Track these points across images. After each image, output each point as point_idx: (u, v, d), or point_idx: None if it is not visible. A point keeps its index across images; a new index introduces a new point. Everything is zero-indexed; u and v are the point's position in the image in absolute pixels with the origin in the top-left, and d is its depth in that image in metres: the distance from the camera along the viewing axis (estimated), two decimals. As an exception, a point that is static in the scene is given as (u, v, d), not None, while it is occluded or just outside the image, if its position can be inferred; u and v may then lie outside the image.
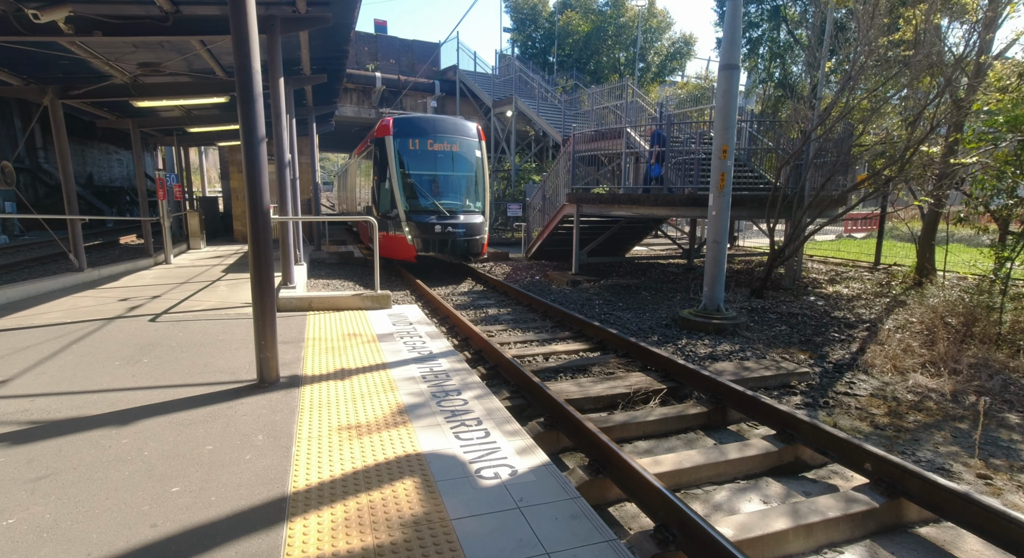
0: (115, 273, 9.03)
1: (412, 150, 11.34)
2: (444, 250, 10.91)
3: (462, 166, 11.93)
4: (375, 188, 11.75)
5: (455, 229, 10.94)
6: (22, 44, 6.62)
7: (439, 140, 11.57)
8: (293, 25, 6.65)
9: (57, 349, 4.66)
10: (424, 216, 10.95)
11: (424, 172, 11.58)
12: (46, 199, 19.94)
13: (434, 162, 11.61)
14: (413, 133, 11.42)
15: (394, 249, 11.34)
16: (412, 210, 11.01)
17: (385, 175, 11.29)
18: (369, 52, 26.13)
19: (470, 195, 11.91)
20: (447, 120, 12.09)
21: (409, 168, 11.36)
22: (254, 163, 3.66)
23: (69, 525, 2.22)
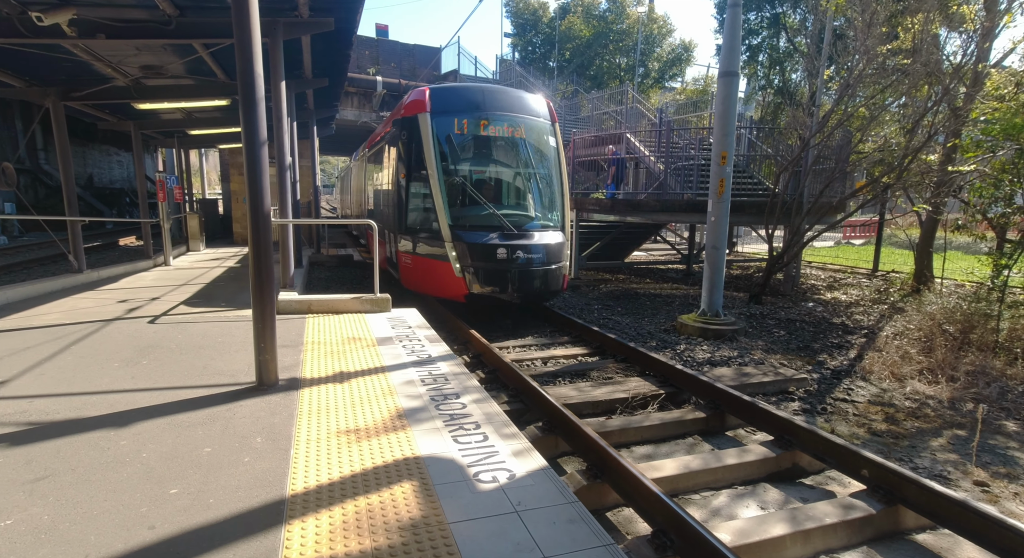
0: (114, 274, 9.03)
1: (459, 135, 7.51)
2: (511, 287, 6.91)
3: (532, 158, 8.00)
4: (399, 191, 7.80)
5: (527, 254, 6.88)
6: (25, 46, 6.65)
7: (498, 120, 7.62)
8: (295, 30, 6.69)
9: (56, 350, 4.66)
10: (480, 234, 6.97)
11: (478, 167, 7.86)
12: (46, 200, 19.95)
13: (491, 153, 7.85)
14: (460, 109, 7.52)
15: (432, 281, 7.33)
16: (461, 224, 7.08)
17: (417, 171, 7.49)
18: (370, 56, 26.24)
19: (544, 202, 7.96)
20: (507, 92, 8.07)
21: (455, 161, 7.49)
22: (255, 166, 3.68)
23: (67, 526, 2.22)
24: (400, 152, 7.78)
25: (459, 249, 6.93)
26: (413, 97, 7.78)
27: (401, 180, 7.75)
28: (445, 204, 7.07)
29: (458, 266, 6.91)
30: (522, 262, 6.86)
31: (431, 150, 7.19)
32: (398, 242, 7.91)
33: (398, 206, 7.86)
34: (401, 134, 7.76)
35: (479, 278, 6.88)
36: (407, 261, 7.72)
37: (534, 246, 7.01)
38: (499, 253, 6.82)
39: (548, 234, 7.34)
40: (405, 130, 7.65)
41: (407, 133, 7.57)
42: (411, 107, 7.66)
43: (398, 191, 7.84)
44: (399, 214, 7.84)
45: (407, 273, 7.84)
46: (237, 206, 15.74)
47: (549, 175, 8.01)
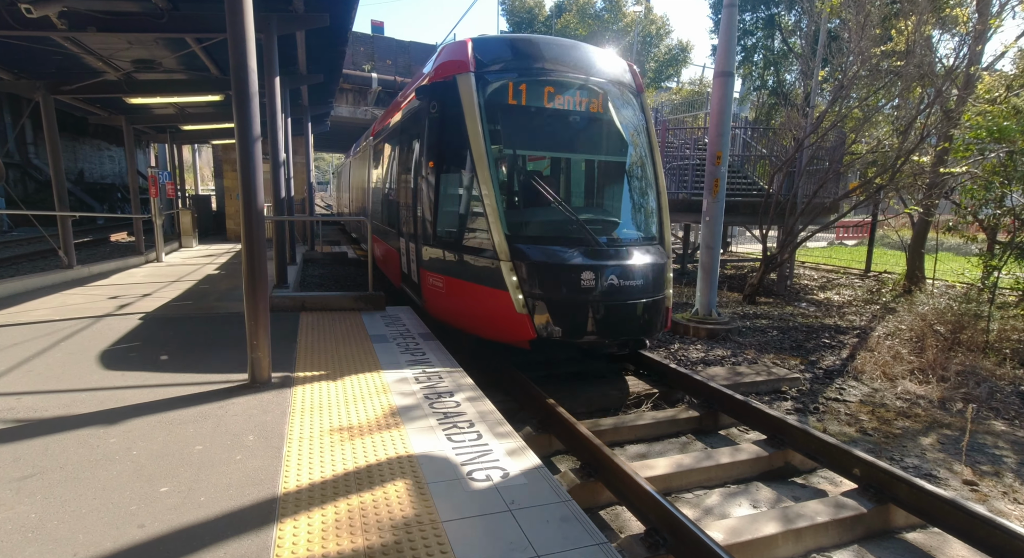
0: (105, 271, 8.94)
1: (516, 107, 5.17)
2: (602, 327, 4.70)
3: (617, 142, 5.67)
4: (425, 186, 5.53)
5: (624, 279, 4.74)
6: (14, 38, 6.56)
7: (570, 87, 5.30)
8: (290, 24, 6.64)
9: (45, 347, 4.60)
10: (554, 250, 4.77)
11: (545, 152, 5.67)
12: (36, 195, 19.71)
13: (562, 132, 5.47)
14: (516, 69, 5.21)
15: (479, 315, 5.07)
16: (523, 235, 4.90)
17: (454, 157, 5.21)
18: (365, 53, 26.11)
19: (638, 205, 5.69)
20: (579, 48, 5.58)
21: (512, 142, 5.24)
22: (249, 162, 3.64)
23: (55, 525, 2.19)
24: (427, 132, 5.46)
25: (523, 271, 4.55)
26: (449, 53, 5.33)
27: (428, 171, 5.40)
28: (500, 204, 4.72)
29: (520, 297, 4.52)
30: (618, 292, 4.62)
31: (477, 126, 4.81)
32: (422, 255, 5.54)
33: (422, 206, 5.52)
34: (429, 107, 5.39)
35: (555, 315, 4.54)
36: (436, 283, 5.31)
37: (633, 268, 4.73)
38: (585, 279, 4.52)
39: (647, 250, 4.99)
40: (436, 100, 5.30)
41: (439, 104, 5.27)
42: (445, 67, 5.22)
43: (423, 185, 5.51)
44: (423, 217, 5.48)
45: (436, 300, 5.39)
46: (230, 202, 15.63)
47: (641, 166, 5.57)
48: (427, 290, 5.55)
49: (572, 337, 4.61)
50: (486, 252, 4.79)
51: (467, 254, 5.01)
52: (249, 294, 3.73)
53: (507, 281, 4.57)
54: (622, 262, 4.77)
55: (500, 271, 4.61)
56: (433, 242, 5.39)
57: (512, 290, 4.55)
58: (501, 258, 4.62)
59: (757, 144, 13.58)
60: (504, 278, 4.59)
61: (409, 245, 6.15)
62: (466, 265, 5.03)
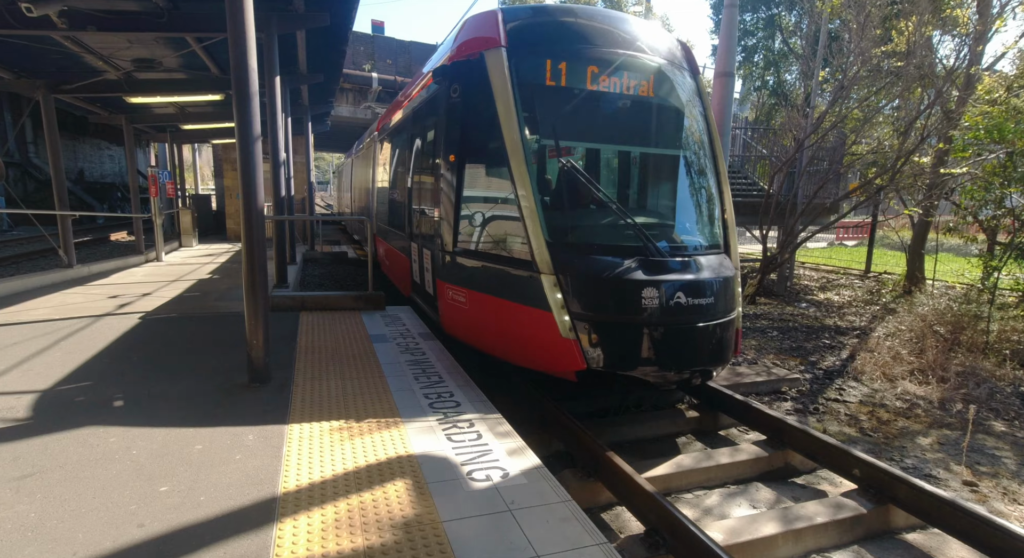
0: (105, 270, 8.93)
1: (556, 89, 4.38)
2: (666, 356, 3.83)
3: (673, 132, 4.89)
4: (443, 182, 4.76)
5: (693, 297, 3.92)
6: (14, 37, 6.56)
7: (618, 66, 4.46)
8: (290, 24, 6.64)
9: (45, 346, 4.60)
10: (607, 261, 3.94)
11: (591, 143, 4.88)
12: (36, 194, 19.71)
13: (609, 120, 4.69)
14: (555, 44, 4.41)
15: (512, 338, 4.29)
16: (568, 242, 4.11)
17: (481, 148, 4.52)
18: (365, 52, 26.10)
19: (700, 206, 4.92)
20: (627, 21, 4.80)
21: (552, 130, 4.45)
22: (249, 162, 3.64)
23: (55, 524, 2.19)
24: (446, 121, 4.71)
25: (570, 287, 3.78)
26: (474, 26, 4.58)
27: (447, 165, 4.63)
28: (539, 205, 3.92)
29: (566, 318, 3.73)
30: (685, 312, 3.80)
31: (511, 112, 4.03)
32: (438, 263, 4.83)
33: (440, 206, 4.73)
34: (450, 91, 4.64)
35: (610, 341, 3.73)
36: (457, 298, 4.57)
37: (702, 283, 3.92)
38: (646, 296, 3.71)
39: (715, 261, 4.21)
40: (458, 82, 4.54)
41: (463, 87, 4.50)
42: (470, 44, 4.45)
43: (441, 183, 4.73)
44: (441, 219, 4.72)
45: (457, 317, 4.65)
46: (230, 202, 15.63)
47: (702, 159, 4.78)
48: (445, 305, 4.76)
49: (630, 368, 3.75)
50: (522, 262, 3.96)
51: (497, 264, 4.21)
52: (249, 293, 3.73)
53: (549, 299, 3.75)
54: (689, 276, 3.91)
55: (540, 286, 3.78)
56: (453, 249, 4.58)
57: (556, 310, 3.73)
58: (542, 270, 3.78)
59: (757, 144, 13.59)
60: (546, 295, 3.76)
61: (423, 251, 5.44)
62: (496, 277, 4.22)
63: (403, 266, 6.58)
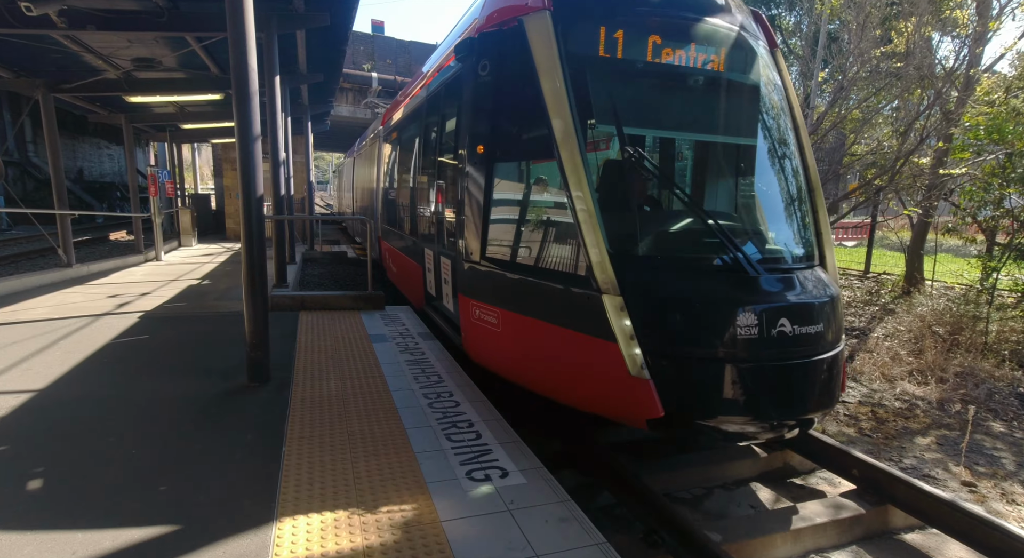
0: (104, 269, 8.93)
1: (610, 62, 3.47)
2: (771, 400, 2.96)
3: (754, 117, 3.88)
4: (472, 182, 3.91)
5: (799, 324, 3.01)
6: (13, 37, 6.56)
7: (684, 36, 3.53)
8: (290, 23, 6.64)
9: (44, 345, 4.60)
10: (691, 280, 3.13)
11: (658, 132, 4.05)
12: (35, 193, 19.69)
13: (676, 101, 3.83)
14: (608, 8, 3.48)
15: (563, 373, 3.37)
16: (637, 257, 3.27)
17: (519, 138, 3.78)
18: (365, 52, 26.10)
19: (789, 209, 3.91)
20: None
21: (611, 115, 3.48)
22: (248, 161, 3.64)
23: (52, 526, 2.19)
24: (472, 105, 3.95)
25: (644, 311, 2.98)
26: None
27: (473, 158, 3.86)
28: (597, 206, 3.13)
29: (637, 352, 2.91)
30: (791, 344, 3.02)
31: (560, 90, 3.28)
32: (462, 275, 4.08)
33: (465, 207, 3.95)
34: (478, 68, 3.84)
35: (693, 382, 2.97)
36: (487, 318, 3.77)
37: (809, 306, 3.14)
38: (743, 324, 2.94)
39: (813, 277, 3.40)
40: (489, 58, 3.76)
41: (494, 63, 3.73)
42: (505, 11, 3.70)
43: (465, 179, 3.94)
44: (465, 221, 3.95)
45: (487, 341, 3.87)
46: (230, 201, 15.62)
47: (788, 152, 3.88)
48: (471, 326, 3.95)
49: (719, 417, 2.90)
50: (576, 279, 3.11)
51: (542, 279, 3.37)
52: (249, 293, 3.73)
53: (615, 325, 2.88)
54: (793, 297, 3.10)
55: (602, 309, 2.92)
56: (481, 258, 3.76)
57: (623, 340, 2.86)
58: (603, 289, 2.92)
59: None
60: (609, 321, 2.89)
61: (440, 259, 4.71)
62: (540, 296, 3.38)
63: (413, 275, 5.77)
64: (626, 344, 2.88)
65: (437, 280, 4.89)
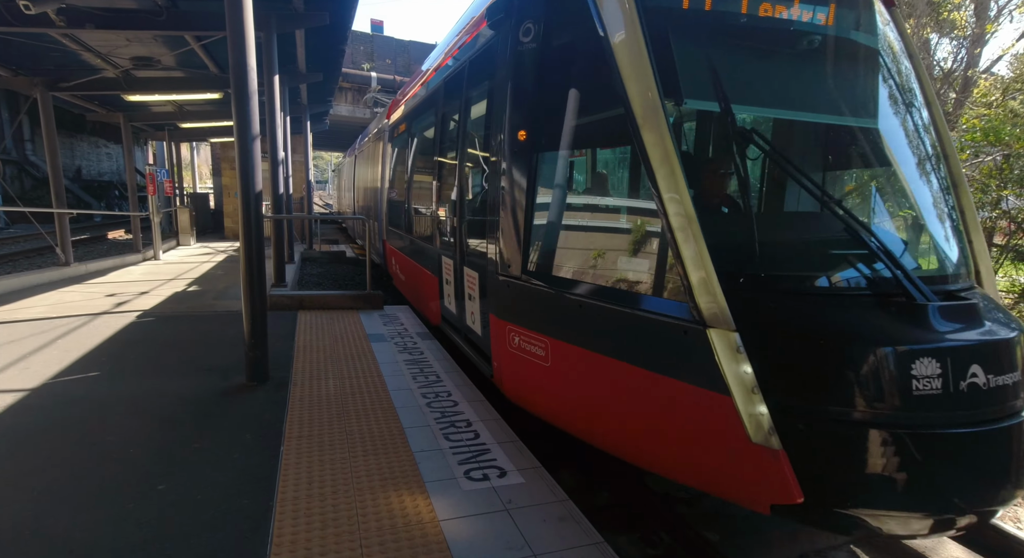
0: (102, 268, 8.91)
1: (703, 16, 2.56)
2: (957, 483, 1.95)
3: (881, 94, 2.87)
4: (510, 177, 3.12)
5: (993, 378, 2.02)
6: (12, 35, 6.54)
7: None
8: (289, 23, 6.64)
9: (42, 344, 4.59)
10: (845, 310, 2.17)
11: (768, 111, 2.90)
12: (33, 192, 19.64)
13: (791, 74, 2.77)
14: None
15: (653, 433, 2.40)
16: (763, 280, 2.25)
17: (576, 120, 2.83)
18: (365, 51, 26.09)
19: (940, 211, 2.85)
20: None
21: (712, 87, 2.46)
22: (247, 161, 3.64)
23: (51, 523, 2.19)
24: (514, 80, 3.18)
25: (767, 352, 2.09)
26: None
27: (513, 148, 3.15)
28: (698, 209, 2.22)
29: (762, 410, 1.99)
30: (985, 399, 2.07)
31: (641, 54, 2.40)
32: (496, 292, 3.35)
33: (500, 208, 3.24)
34: (519, 34, 3.11)
35: (847, 456, 2.01)
36: (531, 349, 3.04)
37: (999, 345, 2.17)
38: (920, 373, 1.99)
39: (984, 301, 2.48)
40: (534, 18, 3.04)
41: (543, 24, 2.99)
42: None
43: (502, 173, 3.22)
44: (502, 227, 3.23)
45: (530, 377, 3.11)
46: (228, 201, 15.60)
47: (922, 136, 3.04)
48: (506, 355, 3.18)
49: (886, 505, 2.02)
50: (667, 303, 2.31)
51: (613, 302, 2.52)
52: (247, 293, 3.73)
53: (727, 372, 2.06)
54: (979, 335, 2.21)
55: (707, 348, 2.11)
56: (523, 271, 3.00)
57: (740, 393, 2.03)
58: (709, 320, 2.11)
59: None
60: (720, 365, 2.07)
61: (463, 270, 3.94)
62: (609, 323, 2.54)
63: (427, 286, 4.97)
64: (745, 399, 2.01)
65: (458, 295, 4.12)
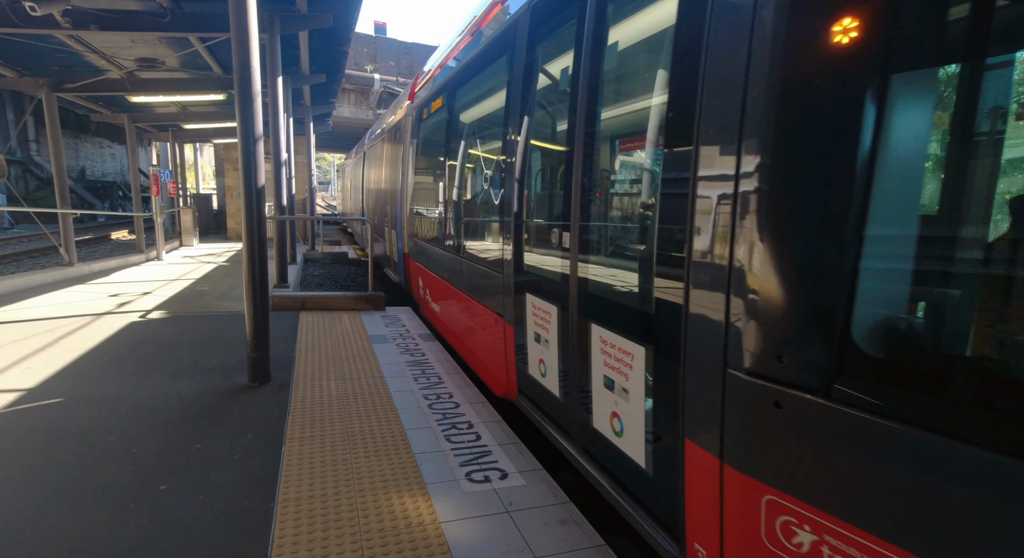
0: (106, 268, 8.94)
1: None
2: None
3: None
4: (768, 180, 1.26)
5: None
6: (18, 36, 6.58)
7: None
8: (293, 24, 6.66)
9: (45, 344, 4.61)
10: None
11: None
12: (37, 192, 19.74)
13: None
14: None
15: None
16: None
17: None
18: (368, 53, 26.17)
19: None
20: None
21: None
22: (251, 161, 3.65)
23: (53, 523, 2.19)
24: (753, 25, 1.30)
25: None
26: None
27: (790, 101, 1.25)
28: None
29: None
30: None
31: None
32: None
33: (765, 227, 1.30)
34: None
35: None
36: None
37: None
38: None
39: None
40: None
41: None
42: None
43: (755, 164, 1.31)
44: (785, 273, 1.28)
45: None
46: (231, 201, 15.65)
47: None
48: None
49: None
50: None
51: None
52: (249, 294, 3.74)
53: None
54: None
55: None
56: (834, 374, 1.20)
57: None
58: None
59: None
60: None
61: (600, 334, 2.15)
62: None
63: (490, 341, 3.59)
64: None
65: (579, 375, 2.39)
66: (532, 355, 2.92)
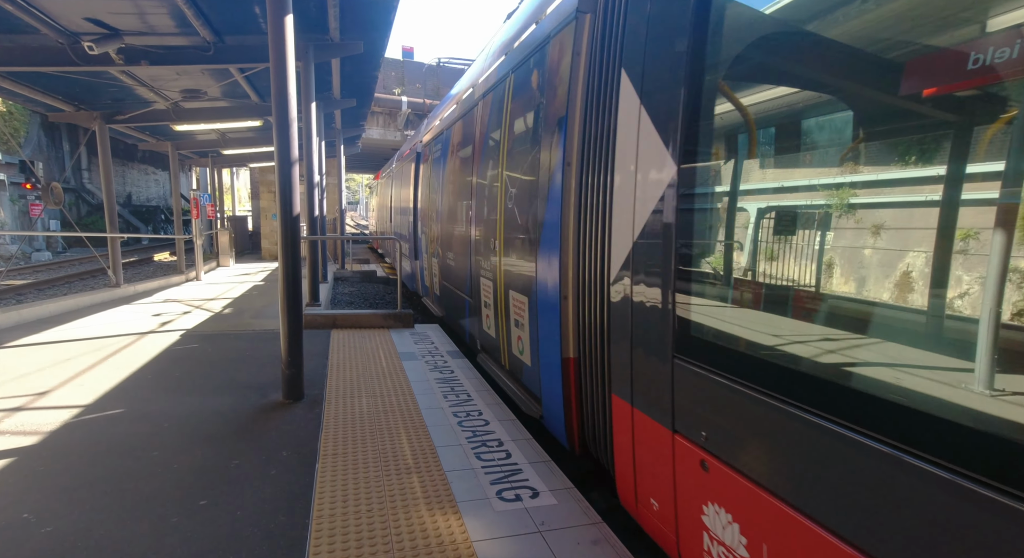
0: (149, 289, 9.35)
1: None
2: None
3: None
4: None
5: None
6: (76, 73, 7.07)
7: None
8: (326, 52, 6.94)
9: (94, 362, 4.83)
10: None
11: None
12: (88, 217, 20.88)
13: None
14: None
15: None
16: None
17: None
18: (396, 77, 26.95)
19: None
20: None
21: None
22: (287, 184, 3.79)
23: (102, 534, 2.27)
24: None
25: None
26: None
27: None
28: None
29: None
30: None
31: None
32: None
33: None
34: None
35: None
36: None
37: None
38: None
39: None
40: None
41: None
42: None
43: None
44: None
45: None
46: (266, 222, 16.20)
47: None
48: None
49: None
50: None
51: None
52: (285, 313, 3.85)
53: None
54: None
55: None
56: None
57: None
58: None
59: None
60: None
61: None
62: None
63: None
64: None
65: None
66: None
